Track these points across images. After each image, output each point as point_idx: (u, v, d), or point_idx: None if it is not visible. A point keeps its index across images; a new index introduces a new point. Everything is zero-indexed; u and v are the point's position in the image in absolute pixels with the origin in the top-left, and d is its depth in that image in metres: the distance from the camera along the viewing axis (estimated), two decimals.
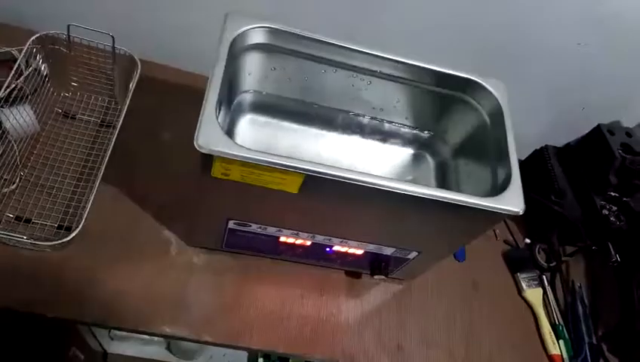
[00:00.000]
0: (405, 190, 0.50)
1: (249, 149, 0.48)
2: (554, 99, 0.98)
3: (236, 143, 0.48)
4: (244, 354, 1.33)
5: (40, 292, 0.64)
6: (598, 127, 0.84)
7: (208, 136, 0.48)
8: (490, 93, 0.62)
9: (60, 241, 0.62)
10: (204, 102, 0.50)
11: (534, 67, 0.88)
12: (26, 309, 0.63)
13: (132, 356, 1.16)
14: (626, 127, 0.86)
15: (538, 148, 0.91)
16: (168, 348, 1.18)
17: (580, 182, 0.85)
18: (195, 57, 0.85)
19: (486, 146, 0.62)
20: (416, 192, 0.51)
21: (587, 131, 0.90)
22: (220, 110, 0.56)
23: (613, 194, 0.82)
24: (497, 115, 0.61)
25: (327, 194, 0.54)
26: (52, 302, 0.63)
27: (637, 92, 0.96)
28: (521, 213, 0.53)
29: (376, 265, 0.71)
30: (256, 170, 0.50)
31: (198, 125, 0.48)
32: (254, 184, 0.52)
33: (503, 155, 0.58)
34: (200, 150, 0.47)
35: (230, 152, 0.47)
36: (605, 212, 0.81)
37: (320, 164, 0.49)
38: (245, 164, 0.49)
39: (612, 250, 0.84)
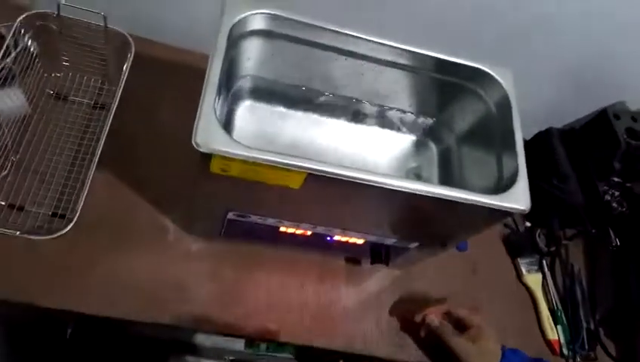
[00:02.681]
0: (410, 189, 0.49)
1: (249, 147, 0.46)
2: (558, 78, 0.95)
3: (235, 141, 0.46)
4: None
5: (35, 282, 0.63)
6: (604, 111, 0.82)
7: (207, 134, 0.46)
8: (498, 82, 0.60)
9: (54, 236, 0.61)
10: (201, 97, 0.48)
11: (538, 45, 0.85)
12: (20, 299, 0.62)
13: None
14: (632, 111, 0.84)
15: (542, 130, 0.89)
16: None
17: (584, 166, 0.84)
18: (191, 34, 0.81)
19: (492, 136, 0.61)
20: (421, 191, 0.49)
21: (592, 110, 0.88)
22: (218, 97, 0.54)
23: (616, 179, 0.81)
24: (504, 105, 0.59)
25: (330, 191, 0.52)
26: (47, 291, 0.62)
27: None
28: (527, 211, 0.52)
29: (377, 254, 0.70)
30: (257, 167, 0.48)
31: (195, 121, 0.46)
32: (254, 180, 0.51)
33: (509, 147, 0.57)
34: (198, 148, 0.45)
35: (230, 151, 0.46)
36: (607, 197, 0.80)
37: (323, 162, 0.48)
38: (245, 162, 0.47)
39: (612, 234, 0.83)
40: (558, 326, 0.79)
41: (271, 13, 0.54)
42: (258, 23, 0.55)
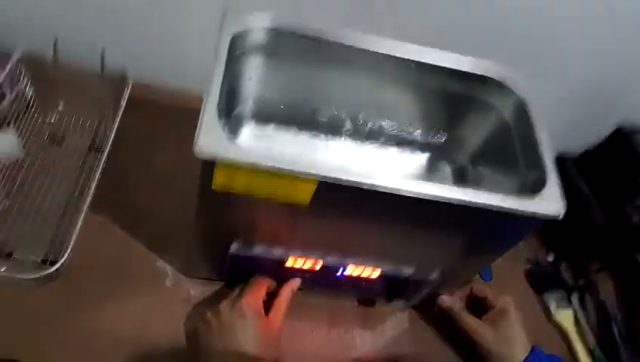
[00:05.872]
0: (436, 196, 0.45)
1: (257, 154, 0.43)
2: (568, 106, 0.94)
3: (242, 147, 0.43)
4: None
5: (21, 337, 0.56)
6: (618, 130, 0.79)
7: (210, 140, 0.42)
8: (509, 89, 0.57)
9: (39, 275, 0.55)
10: (203, 103, 0.45)
11: (544, 73, 0.84)
12: (5, 358, 0.55)
13: None
14: None
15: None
16: None
17: (604, 190, 0.79)
18: (188, 77, 0.81)
19: (510, 149, 0.57)
20: (448, 198, 0.45)
21: (602, 135, 0.86)
22: (220, 118, 0.51)
23: None
24: (521, 113, 0.56)
25: (342, 204, 0.48)
26: (30, 348, 0.56)
27: None
28: (560, 217, 0.48)
29: (393, 289, 0.64)
30: (264, 178, 0.44)
31: (197, 128, 0.43)
32: (260, 196, 0.47)
33: (532, 155, 0.53)
34: (200, 156, 0.42)
35: (236, 158, 0.42)
36: (636, 219, 0.75)
37: (335, 169, 0.44)
38: (252, 171, 0.43)
39: None
40: None
41: (271, 26, 0.53)
42: (258, 36, 0.54)
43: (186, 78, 0.81)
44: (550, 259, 0.82)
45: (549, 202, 0.48)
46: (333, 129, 0.64)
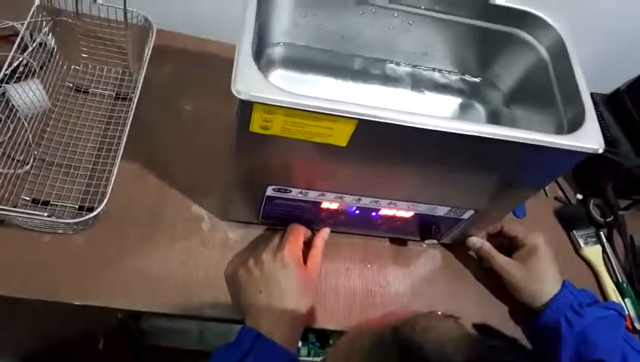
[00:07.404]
0: (482, 132, 0.44)
1: (296, 94, 0.42)
2: (596, 44, 0.91)
3: (280, 88, 0.42)
4: None
5: (64, 279, 0.58)
6: None
7: (248, 81, 0.42)
8: (549, 25, 0.55)
9: (83, 219, 0.56)
10: (237, 44, 0.44)
11: (575, 9, 0.81)
12: (50, 298, 0.58)
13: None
14: None
15: None
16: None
17: (634, 128, 0.78)
18: (211, 24, 0.79)
19: (547, 87, 0.56)
20: (494, 134, 0.44)
21: (633, 74, 0.83)
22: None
23: None
24: (559, 49, 0.54)
25: (380, 145, 0.48)
26: (78, 288, 0.58)
27: None
28: (600, 151, 0.47)
29: (427, 228, 0.65)
30: (302, 119, 0.44)
31: (234, 69, 0.42)
32: (297, 138, 0.46)
33: (569, 94, 0.52)
34: (239, 96, 0.41)
35: (275, 98, 0.41)
36: None
37: (376, 107, 0.43)
38: (290, 112, 0.43)
39: None
40: (627, 300, 0.73)
41: None
42: None
43: (208, 26, 0.79)
44: (579, 197, 0.82)
45: (589, 137, 0.47)
46: (363, 74, 0.63)
